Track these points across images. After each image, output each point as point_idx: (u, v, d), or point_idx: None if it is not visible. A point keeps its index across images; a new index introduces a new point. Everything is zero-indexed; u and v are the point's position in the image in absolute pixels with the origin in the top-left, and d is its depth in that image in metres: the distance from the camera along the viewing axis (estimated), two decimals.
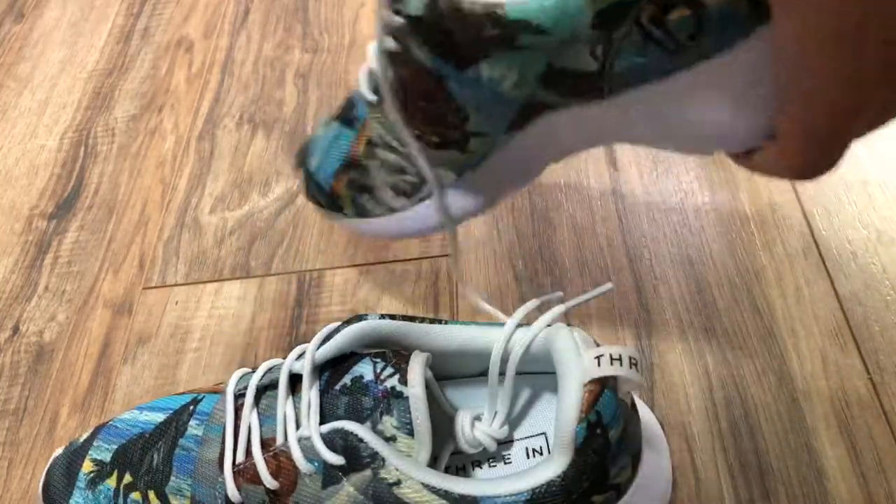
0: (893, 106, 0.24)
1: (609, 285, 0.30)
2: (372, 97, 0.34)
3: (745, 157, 0.29)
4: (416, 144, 0.31)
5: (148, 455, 0.34)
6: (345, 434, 0.29)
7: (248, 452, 0.31)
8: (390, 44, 0.28)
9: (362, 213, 0.37)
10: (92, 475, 0.34)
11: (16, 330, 0.48)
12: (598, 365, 0.28)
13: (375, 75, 0.32)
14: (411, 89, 0.29)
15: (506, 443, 0.34)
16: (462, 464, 0.34)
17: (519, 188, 0.35)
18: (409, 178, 0.34)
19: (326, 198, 0.38)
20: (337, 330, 0.32)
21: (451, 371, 0.34)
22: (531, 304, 0.32)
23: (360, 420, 0.30)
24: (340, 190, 0.37)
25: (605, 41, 0.25)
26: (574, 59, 0.25)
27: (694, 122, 0.27)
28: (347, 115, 0.36)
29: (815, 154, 0.26)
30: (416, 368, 0.30)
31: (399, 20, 0.27)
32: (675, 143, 0.29)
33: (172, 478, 0.33)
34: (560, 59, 0.25)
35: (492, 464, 0.34)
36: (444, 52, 0.27)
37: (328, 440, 0.30)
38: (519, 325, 0.32)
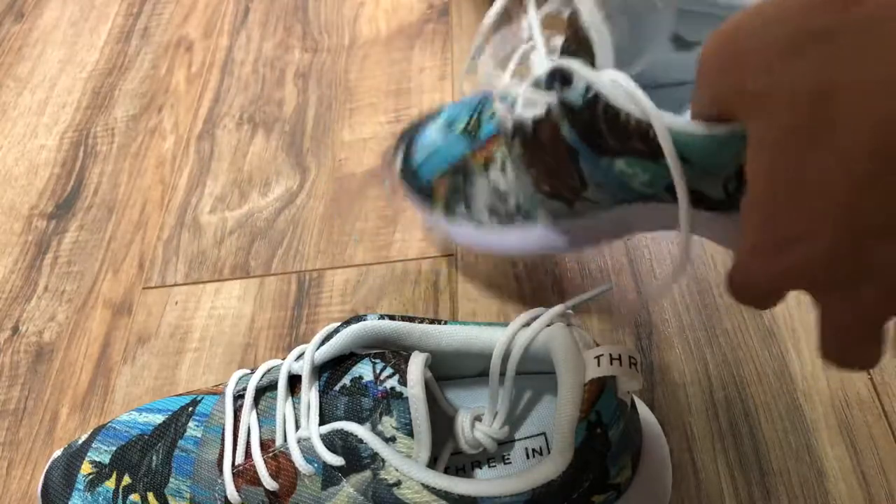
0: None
1: (609, 285, 0.30)
2: (507, 125, 0.35)
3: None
4: (532, 186, 0.34)
5: (147, 457, 0.34)
6: (344, 435, 0.29)
7: (248, 454, 0.31)
8: (533, 113, 0.31)
9: (450, 215, 0.40)
10: (91, 477, 0.34)
11: (16, 330, 0.48)
12: (598, 364, 0.28)
13: (508, 117, 0.33)
14: (543, 148, 0.32)
15: (506, 443, 0.34)
16: (462, 464, 0.34)
17: (601, 245, 0.40)
18: (507, 205, 0.37)
19: (420, 188, 0.41)
20: (336, 330, 0.32)
21: (451, 371, 0.34)
22: (537, 310, 0.32)
23: (360, 421, 0.30)
24: (440, 189, 0.40)
25: (739, 181, 0.26)
26: (705, 185, 0.27)
27: None
28: (473, 130, 0.39)
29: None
30: (416, 369, 0.30)
31: (553, 98, 0.29)
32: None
33: (171, 479, 0.33)
34: (692, 181, 0.26)
35: (492, 464, 0.34)
36: (589, 138, 0.29)
37: (328, 441, 0.30)
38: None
